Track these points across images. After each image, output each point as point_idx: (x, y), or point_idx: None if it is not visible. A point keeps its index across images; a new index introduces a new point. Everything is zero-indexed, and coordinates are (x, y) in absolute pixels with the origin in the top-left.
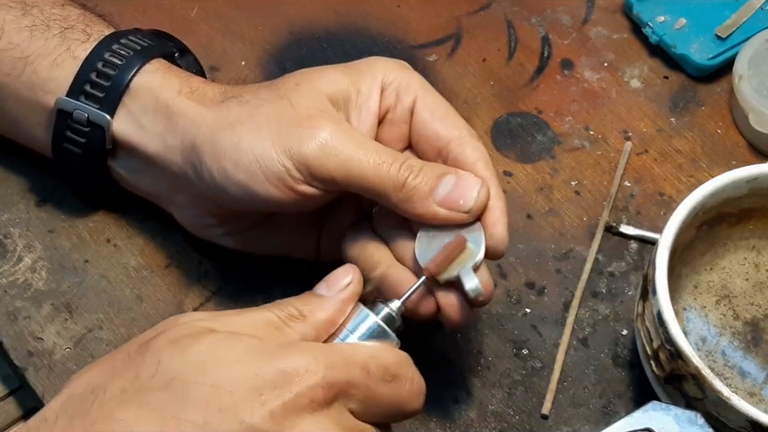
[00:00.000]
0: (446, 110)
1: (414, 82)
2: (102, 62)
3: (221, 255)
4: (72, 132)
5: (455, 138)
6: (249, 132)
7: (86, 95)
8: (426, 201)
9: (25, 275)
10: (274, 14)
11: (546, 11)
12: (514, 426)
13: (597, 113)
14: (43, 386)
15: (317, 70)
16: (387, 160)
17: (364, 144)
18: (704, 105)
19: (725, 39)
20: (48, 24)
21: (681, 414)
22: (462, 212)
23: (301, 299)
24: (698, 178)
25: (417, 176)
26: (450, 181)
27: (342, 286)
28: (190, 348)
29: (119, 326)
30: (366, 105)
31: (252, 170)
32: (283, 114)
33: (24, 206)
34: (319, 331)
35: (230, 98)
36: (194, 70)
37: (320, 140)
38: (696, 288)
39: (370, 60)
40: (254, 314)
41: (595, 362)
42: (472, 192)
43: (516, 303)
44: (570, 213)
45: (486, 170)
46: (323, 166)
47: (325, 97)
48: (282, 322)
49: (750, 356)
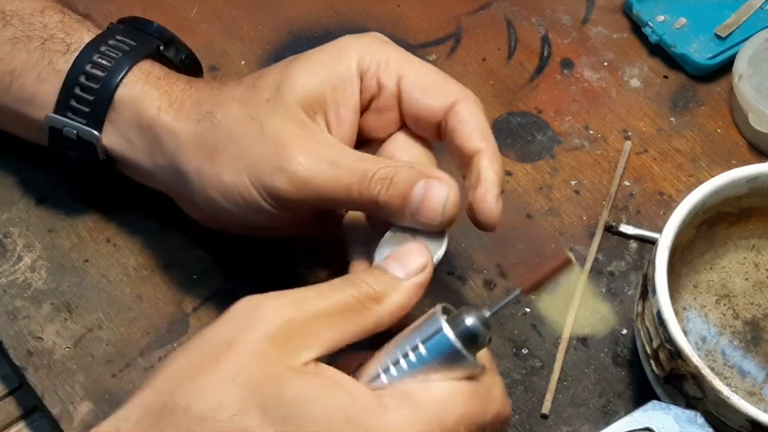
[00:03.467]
0: (434, 79)
1: (393, 58)
2: (83, 75)
3: (221, 255)
4: (65, 147)
5: (450, 110)
6: (226, 164)
7: (72, 111)
8: (401, 214)
9: (24, 275)
10: (274, 13)
11: (545, 11)
12: (514, 425)
13: (597, 112)
14: (43, 386)
15: (285, 73)
16: (355, 179)
17: (332, 165)
18: (704, 104)
19: (725, 39)
20: (28, 35)
21: (681, 414)
22: (433, 225)
23: (375, 277)
24: (698, 177)
25: (387, 190)
26: (419, 191)
27: (417, 268)
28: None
29: (119, 326)
30: (343, 101)
31: (237, 202)
32: (254, 143)
33: (24, 205)
34: (393, 317)
35: (204, 115)
36: (183, 55)
37: (289, 173)
38: (696, 287)
39: (341, 44)
40: (332, 296)
41: (595, 361)
42: (438, 207)
43: (516, 303)
44: (569, 212)
45: (481, 142)
46: (296, 197)
47: (298, 108)
48: (360, 304)
49: (750, 355)
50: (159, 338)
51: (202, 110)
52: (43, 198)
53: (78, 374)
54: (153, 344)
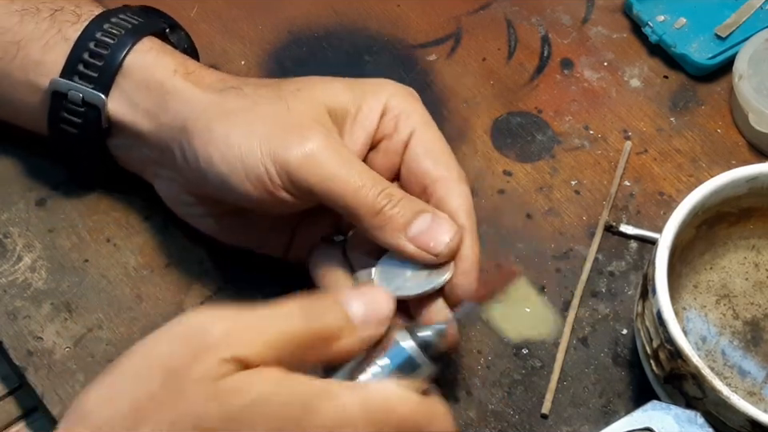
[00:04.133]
0: (441, 150)
1: (416, 113)
2: (93, 41)
3: (221, 254)
4: (68, 113)
5: (442, 179)
6: (240, 126)
7: (79, 75)
8: (398, 233)
9: (24, 275)
10: (274, 13)
11: (545, 11)
12: (514, 425)
13: (597, 112)
14: (43, 386)
15: (322, 79)
16: (368, 183)
17: (349, 162)
18: (704, 104)
19: (725, 39)
20: (38, 7)
21: (681, 414)
22: (431, 254)
23: (337, 317)
24: (698, 177)
25: (394, 206)
26: (425, 219)
27: (380, 319)
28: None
29: (119, 326)
30: (363, 124)
31: (235, 165)
32: (278, 116)
33: (24, 205)
34: (339, 358)
35: (229, 87)
36: (185, 44)
37: (306, 150)
38: (696, 287)
39: (380, 81)
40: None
41: (595, 361)
42: (444, 237)
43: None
44: (569, 212)
45: (466, 219)
46: (304, 177)
47: (323, 107)
48: (312, 341)
49: (750, 355)
50: None
51: (227, 84)
52: (43, 198)
53: (78, 374)
54: None
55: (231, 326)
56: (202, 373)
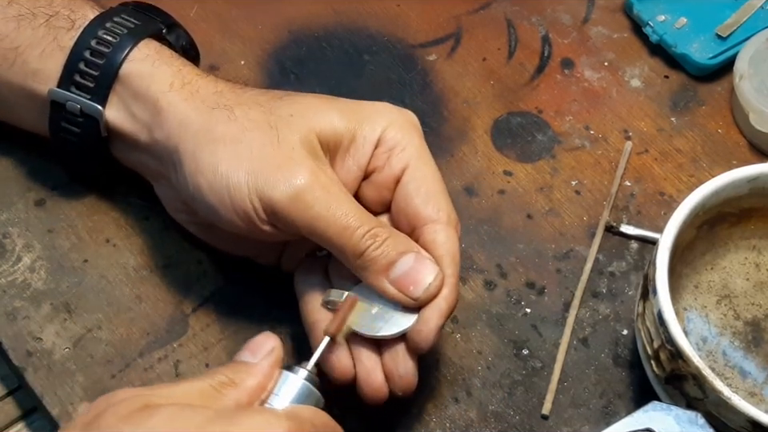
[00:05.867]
0: (434, 189)
1: (412, 146)
2: (88, 50)
3: (220, 255)
4: (67, 122)
5: (431, 223)
6: (228, 157)
7: (76, 85)
8: (380, 276)
9: (24, 275)
10: (274, 13)
11: (546, 10)
12: (514, 426)
13: (597, 112)
14: (42, 386)
15: (317, 103)
16: (353, 224)
17: (336, 201)
18: (704, 104)
19: (725, 38)
20: (34, 12)
21: (681, 414)
22: (410, 298)
23: (229, 367)
24: (699, 177)
25: (378, 248)
26: (408, 261)
27: (266, 351)
28: (148, 421)
29: (118, 326)
30: (356, 155)
31: (222, 197)
32: (266, 149)
33: (23, 205)
34: (251, 397)
35: (221, 106)
36: (184, 42)
37: (292, 189)
38: (697, 288)
39: (378, 107)
40: (188, 385)
41: (595, 362)
42: (425, 281)
43: (516, 303)
44: (570, 212)
45: (448, 267)
46: (290, 216)
47: (315, 135)
48: (216, 390)
49: (751, 356)
50: (159, 338)
51: (220, 102)
52: (42, 198)
53: (78, 374)
54: (152, 344)
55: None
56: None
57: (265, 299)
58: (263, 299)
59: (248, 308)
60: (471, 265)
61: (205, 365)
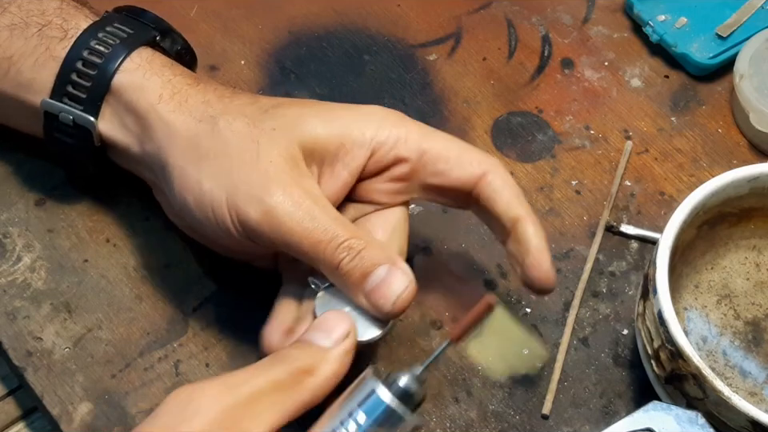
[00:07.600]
0: (457, 151)
1: (413, 133)
2: (81, 61)
3: (220, 255)
4: (60, 132)
5: (480, 179)
6: (211, 174)
7: (69, 97)
8: (354, 288)
9: (24, 275)
10: (274, 13)
11: (546, 10)
12: (515, 425)
13: (597, 112)
14: (42, 386)
15: (301, 112)
16: (326, 238)
17: (308, 216)
18: (705, 104)
19: (725, 38)
20: (26, 22)
21: (682, 414)
22: (381, 312)
23: (303, 350)
24: (699, 177)
25: (352, 260)
26: (380, 273)
27: (341, 335)
28: None
29: (118, 326)
30: (345, 160)
31: (207, 213)
32: (244, 165)
33: (23, 205)
34: (327, 387)
35: (207, 118)
36: (179, 46)
37: (264, 207)
38: (697, 287)
39: (364, 112)
40: (265, 377)
41: (596, 361)
42: (393, 295)
43: (516, 303)
44: (570, 212)
45: (520, 208)
46: (263, 233)
47: (297, 147)
48: (294, 380)
49: (751, 356)
50: (159, 338)
51: (206, 112)
52: (43, 198)
53: (78, 374)
54: (152, 344)
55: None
56: None
57: (265, 299)
58: (263, 299)
59: (248, 308)
60: (471, 265)
61: (205, 365)
